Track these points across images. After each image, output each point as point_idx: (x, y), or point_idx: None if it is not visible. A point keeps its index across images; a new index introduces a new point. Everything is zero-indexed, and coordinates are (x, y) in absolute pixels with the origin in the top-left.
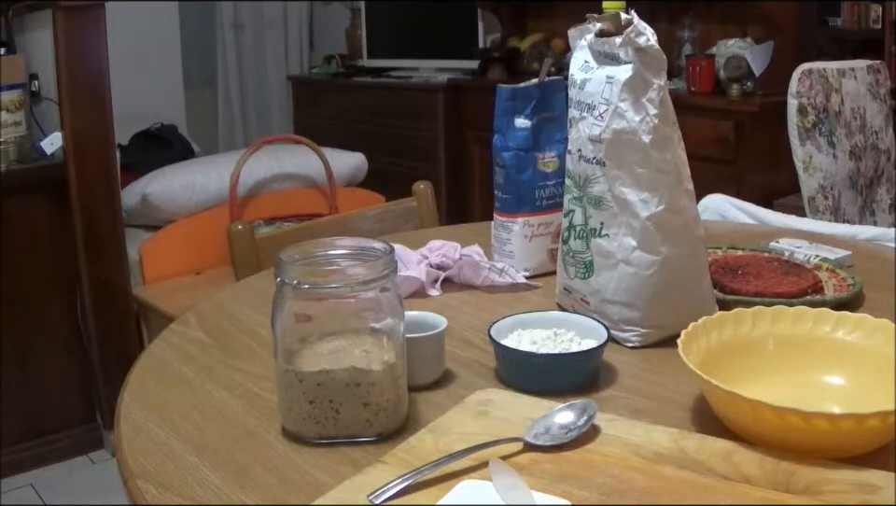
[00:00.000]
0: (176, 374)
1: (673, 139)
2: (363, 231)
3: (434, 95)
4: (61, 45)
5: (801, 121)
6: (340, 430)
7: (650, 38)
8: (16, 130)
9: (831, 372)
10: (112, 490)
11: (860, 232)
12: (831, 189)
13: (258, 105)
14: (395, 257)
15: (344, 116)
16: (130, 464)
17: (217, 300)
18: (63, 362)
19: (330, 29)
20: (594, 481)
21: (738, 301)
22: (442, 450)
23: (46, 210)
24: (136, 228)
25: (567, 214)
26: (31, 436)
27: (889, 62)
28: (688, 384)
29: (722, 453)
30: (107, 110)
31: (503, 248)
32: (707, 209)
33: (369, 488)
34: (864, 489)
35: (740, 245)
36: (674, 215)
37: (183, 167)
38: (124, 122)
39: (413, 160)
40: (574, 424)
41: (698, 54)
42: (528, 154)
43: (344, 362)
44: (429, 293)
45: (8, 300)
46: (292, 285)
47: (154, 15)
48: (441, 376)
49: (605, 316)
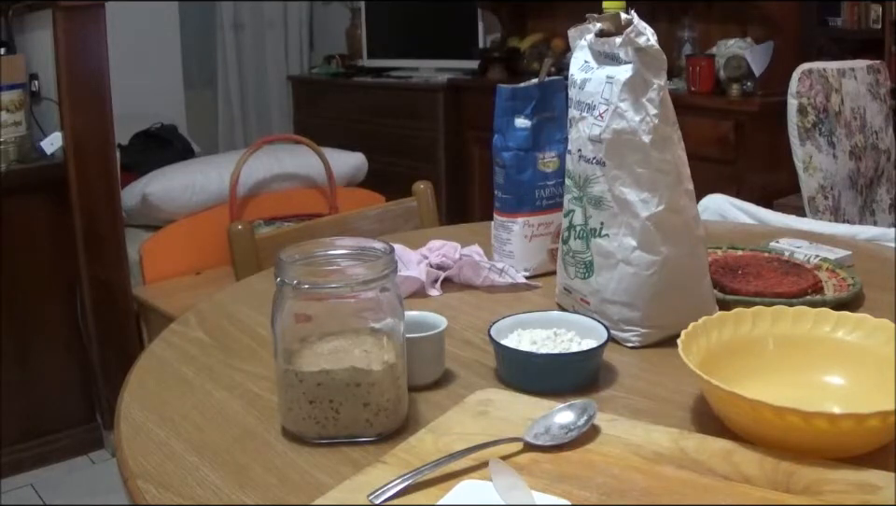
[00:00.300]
0: (176, 374)
1: (673, 139)
2: (363, 231)
3: (434, 95)
4: (61, 45)
5: (801, 121)
6: (340, 430)
7: (650, 38)
8: (16, 130)
9: (831, 372)
10: (112, 490)
11: (860, 232)
12: (831, 189)
13: (258, 105)
14: (395, 257)
15: (344, 116)
16: (130, 464)
17: (216, 300)
18: (63, 362)
19: (330, 29)
20: (594, 481)
21: (738, 301)
22: (442, 450)
23: (46, 210)
24: (136, 228)
25: (567, 214)
26: (31, 436)
27: (889, 62)
28: (688, 384)
29: (722, 453)
30: (107, 110)
31: (503, 248)
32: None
33: (369, 488)
34: (864, 489)
35: (740, 245)
36: (674, 215)
37: (183, 167)
38: (124, 122)
39: (413, 160)
40: (574, 424)
41: (698, 54)
42: (528, 154)
43: (344, 362)
44: (429, 293)
45: (8, 300)
46: (292, 285)
47: (154, 15)
48: (441, 376)
49: (605, 316)
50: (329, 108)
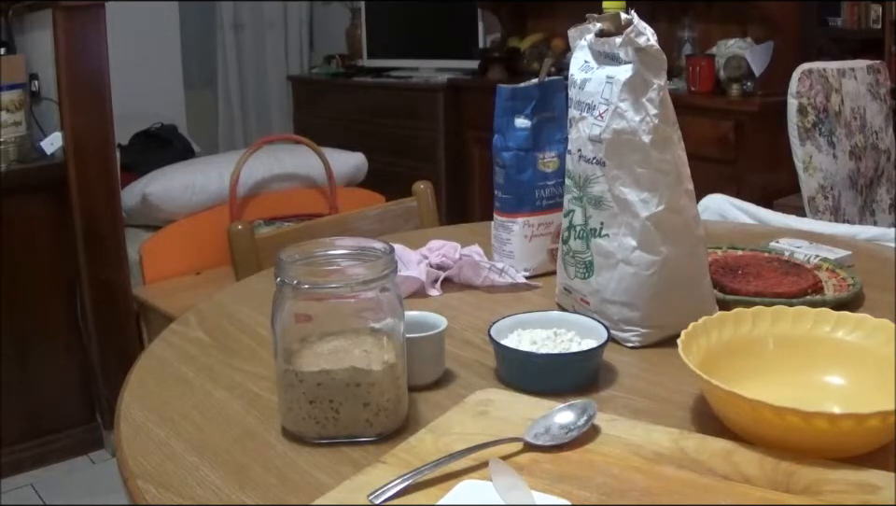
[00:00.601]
0: (176, 374)
1: (673, 139)
2: (363, 231)
3: (434, 95)
4: (61, 45)
5: (801, 121)
6: (340, 430)
7: (650, 38)
8: (16, 130)
9: (831, 372)
10: (112, 490)
11: (860, 232)
12: (831, 189)
13: (258, 105)
14: (395, 257)
15: (344, 116)
16: (130, 464)
17: (216, 300)
18: (63, 362)
19: (330, 29)
20: (594, 481)
21: (738, 301)
22: (442, 450)
23: (46, 210)
24: (136, 228)
25: (567, 214)
26: (31, 436)
27: (889, 62)
28: (688, 384)
29: (722, 453)
30: (107, 110)
31: (503, 248)
32: (707, 209)
33: (369, 488)
34: (864, 489)
35: (740, 245)
36: (674, 215)
37: (183, 167)
38: (124, 122)
39: (413, 160)
40: (574, 424)
41: (698, 54)
42: (528, 154)
43: (344, 362)
44: (429, 293)
45: (8, 300)
46: (292, 285)
47: (154, 15)
48: (441, 376)
49: (605, 316)
50: (329, 108)
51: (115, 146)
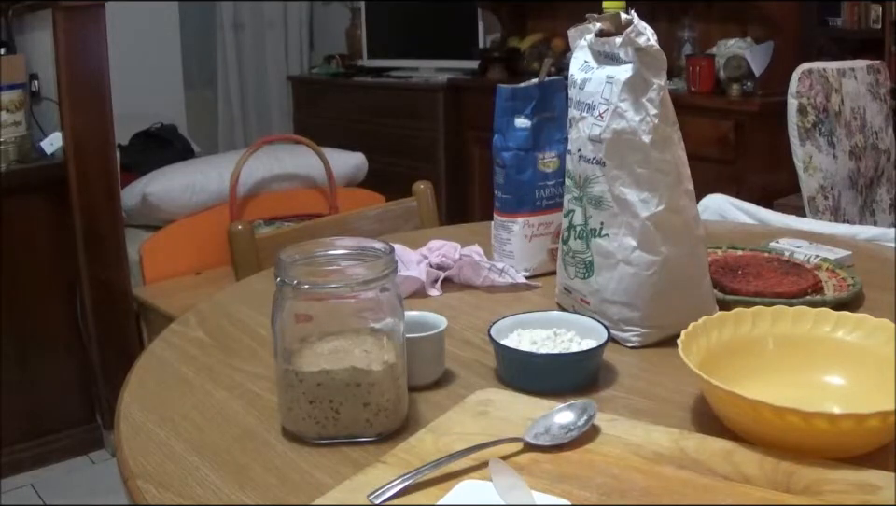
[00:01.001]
0: (176, 374)
1: (673, 139)
2: (363, 231)
3: (434, 95)
4: (61, 45)
5: (801, 121)
6: (340, 430)
7: (650, 38)
8: (16, 130)
9: (831, 372)
10: (112, 490)
11: (860, 232)
12: (831, 189)
13: (258, 105)
14: (395, 257)
15: (344, 116)
16: (130, 464)
17: (216, 300)
18: (63, 362)
19: (330, 29)
20: (594, 481)
21: (738, 301)
22: (442, 450)
23: (46, 210)
24: (136, 228)
25: (567, 214)
26: (31, 436)
27: (889, 62)
28: (688, 384)
29: (722, 453)
30: (107, 110)
31: (503, 248)
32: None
33: (369, 488)
34: (864, 489)
35: (740, 245)
36: (674, 215)
37: (183, 167)
38: (124, 122)
39: (413, 160)
40: (574, 424)
41: (698, 54)
42: (528, 154)
43: (344, 362)
44: (429, 293)
45: (8, 300)
46: (292, 285)
47: (154, 15)
48: (441, 376)
49: (605, 315)
50: (329, 108)
51: (115, 146)
